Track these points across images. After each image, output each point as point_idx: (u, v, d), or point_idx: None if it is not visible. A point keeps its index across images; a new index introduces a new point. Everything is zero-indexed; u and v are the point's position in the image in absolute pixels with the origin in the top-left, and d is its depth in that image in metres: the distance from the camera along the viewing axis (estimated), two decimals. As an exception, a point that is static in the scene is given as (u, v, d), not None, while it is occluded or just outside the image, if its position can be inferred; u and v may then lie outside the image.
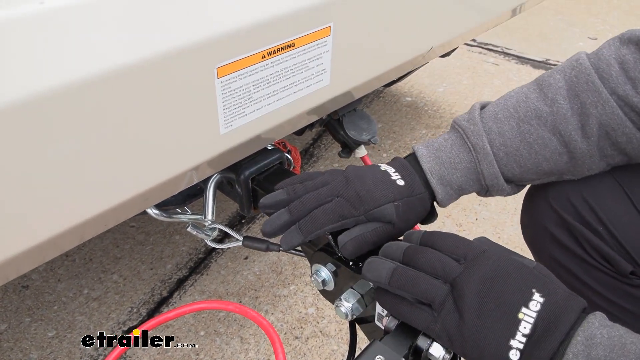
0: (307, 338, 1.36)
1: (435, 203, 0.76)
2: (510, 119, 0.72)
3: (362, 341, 0.86)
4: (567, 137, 0.70)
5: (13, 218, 0.56)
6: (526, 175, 0.74)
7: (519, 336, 0.50)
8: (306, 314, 1.43)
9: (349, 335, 0.87)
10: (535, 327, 0.50)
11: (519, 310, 0.51)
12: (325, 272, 0.79)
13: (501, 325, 0.51)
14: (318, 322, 1.40)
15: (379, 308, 0.74)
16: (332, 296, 0.80)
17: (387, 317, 0.69)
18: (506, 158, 0.72)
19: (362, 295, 0.74)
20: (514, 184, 0.76)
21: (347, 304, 0.73)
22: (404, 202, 0.70)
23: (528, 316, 0.51)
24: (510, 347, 0.50)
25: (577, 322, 0.50)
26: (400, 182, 0.70)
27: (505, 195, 0.76)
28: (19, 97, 0.49)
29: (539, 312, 0.51)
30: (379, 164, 0.74)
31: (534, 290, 0.52)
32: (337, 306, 0.74)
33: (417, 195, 0.71)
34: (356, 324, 0.82)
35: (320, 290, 0.81)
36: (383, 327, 0.71)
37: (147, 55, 0.57)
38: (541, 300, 0.51)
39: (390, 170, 0.72)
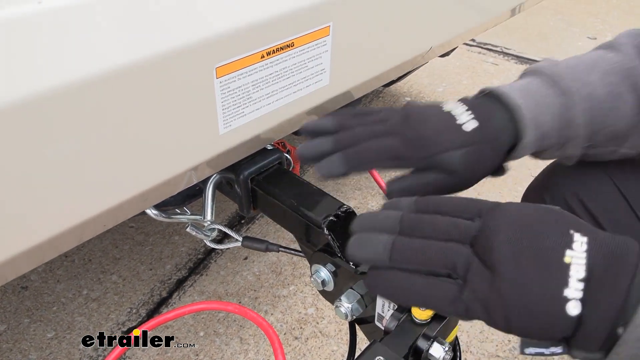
0: (307, 338, 1.36)
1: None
2: (593, 71, 0.64)
3: (362, 341, 0.86)
4: None
5: (11, 218, 0.55)
6: (597, 136, 0.64)
7: (573, 282, 0.40)
8: (306, 314, 1.43)
9: (348, 335, 0.86)
10: (590, 268, 0.40)
11: (563, 255, 0.41)
12: (324, 273, 0.79)
13: (548, 274, 0.41)
14: (318, 323, 1.40)
15: (379, 308, 0.74)
16: (331, 297, 0.80)
17: (387, 318, 0.68)
18: (590, 111, 0.62)
19: (362, 296, 0.74)
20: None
21: (347, 304, 0.73)
22: (474, 149, 0.59)
23: (577, 257, 0.41)
24: (567, 299, 0.39)
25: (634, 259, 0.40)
26: (471, 125, 0.59)
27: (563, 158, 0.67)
28: (17, 98, 0.49)
29: (588, 252, 0.41)
30: (443, 102, 0.64)
31: (571, 231, 0.42)
32: (336, 307, 0.74)
33: (492, 141, 0.60)
34: (356, 325, 0.82)
35: (319, 291, 0.81)
36: (383, 328, 0.71)
37: (145, 56, 0.57)
38: (584, 239, 0.42)
39: (460, 109, 0.61)
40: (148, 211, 0.89)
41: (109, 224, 0.70)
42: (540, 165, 1.89)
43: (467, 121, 0.60)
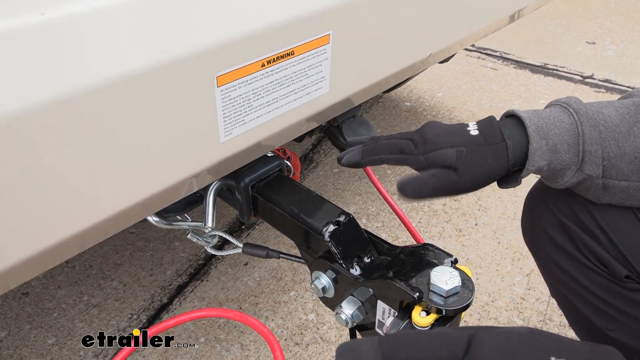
0: (308, 344, 1.36)
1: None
2: (607, 106, 0.70)
3: (363, 348, 0.86)
4: None
5: (13, 227, 0.56)
6: (620, 163, 0.68)
7: None
8: (306, 320, 1.43)
9: (349, 342, 0.87)
10: None
11: None
12: (325, 279, 0.79)
13: None
14: (318, 329, 1.40)
15: (379, 315, 0.74)
16: (332, 303, 0.80)
17: (387, 325, 0.69)
18: (605, 132, 0.67)
19: (362, 303, 0.74)
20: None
21: (348, 311, 0.74)
22: (471, 149, 0.67)
23: None
24: None
25: None
26: (474, 132, 0.69)
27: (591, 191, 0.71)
28: (19, 107, 0.49)
29: None
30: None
31: (552, 358, 0.41)
32: (337, 313, 0.74)
33: (491, 144, 0.68)
34: (356, 331, 0.82)
35: (320, 298, 0.82)
36: (383, 334, 0.71)
37: (147, 65, 0.57)
38: None
39: (470, 123, 0.71)
40: (149, 218, 0.90)
41: (110, 232, 0.70)
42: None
43: (475, 129, 0.69)
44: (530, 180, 0.90)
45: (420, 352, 0.44)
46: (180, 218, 0.97)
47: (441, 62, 1.71)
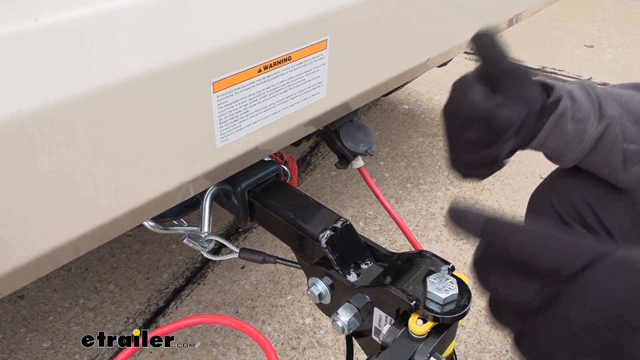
0: (304, 349, 1.35)
1: None
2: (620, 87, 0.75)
3: (359, 352, 0.86)
4: None
5: (8, 233, 0.55)
6: (627, 122, 0.71)
7: None
8: (303, 324, 1.42)
9: (345, 348, 0.86)
10: None
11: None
12: (321, 286, 0.79)
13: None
14: (315, 333, 1.39)
15: (375, 322, 0.74)
16: (328, 309, 0.80)
17: (384, 332, 0.68)
18: (607, 93, 0.72)
19: (358, 310, 0.74)
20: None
21: (344, 318, 0.73)
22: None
23: None
24: None
25: None
26: None
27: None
28: (12, 114, 0.49)
29: None
30: None
31: None
32: (333, 320, 0.74)
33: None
34: (353, 338, 0.82)
35: (316, 304, 0.81)
36: (380, 342, 0.71)
37: (143, 71, 0.57)
38: None
39: None
40: (145, 223, 0.89)
41: (106, 238, 0.70)
42: (539, 172, 1.88)
43: None
44: (532, 182, 0.90)
45: (535, 249, 0.38)
46: (176, 223, 0.97)
47: (439, 66, 1.71)
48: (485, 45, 0.63)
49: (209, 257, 0.97)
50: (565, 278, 0.36)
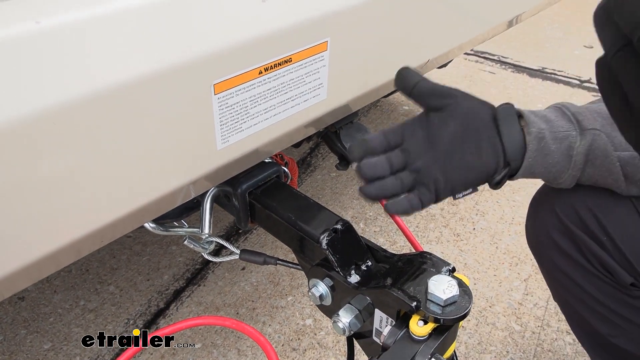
0: (305, 350, 1.35)
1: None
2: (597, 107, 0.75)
3: (359, 353, 0.86)
4: None
5: (9, 235, 0.55)
6: (612, 132, 0.72)
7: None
8: (304, 325, 1.42)
9: (346, 349, 0.86)
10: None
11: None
12: (322, 287, 0.79)
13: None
14: (316, 334, 1.39)
15: (376, 323, 0.74)
16: (329, 311, 0.80)
17: (384, 334, 0.68)
18: (584, 109, 0.74)
19: (359, 311, 0.74)
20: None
21: (345, 319, 0.73)
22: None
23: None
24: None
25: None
26: None
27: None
28: (14, 116, 0.49)
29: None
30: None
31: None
32: (334, 322, 0.74)
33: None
34: (354, 339, 0.82)
35: (317, 305, 0.81)
36: (381, 343, 0.71)
37: (144, 73, 0.57)
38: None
39: None
40: (146, 224, 0.89)
41: (107, 240, 0.70)
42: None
43: None
44: (532, 184, 0.90)
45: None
46: (177, 224, 0.97)
47: (439, 68, 1.71)
48: (402, 77, 0.74)
49: (210, 258, 0.97)
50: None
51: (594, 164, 0.72)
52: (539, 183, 0.95)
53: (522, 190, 1.89)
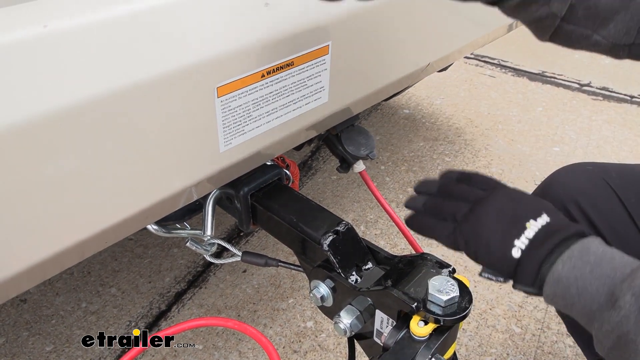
0: (306, 352, 1.36)
1: None
2: None
3: (360, 354, 0.86)
4: None
5: (14, 236, 0.56)
6: (579, 8, 0.67)
7: (522, 238, 0.58)
8: (305, 327, 1.43)
9: (347, 350, 0.87)
10: (538, 234, 0.58)
11: (527, 221, 0.59)
12: (323, 288, 0.79)
13: (510, 228, 0.59)
14: (317, 336, 1.40)
15: (377, 324, 0.75)
16: (330, 312, 0.81)
17: (385, 334, 0.69)
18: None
19: (360, 312, 0.74)
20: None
21: (346, 320, 0.74)
22: None
23: (534, 226, 0.58)
24: (514, 245, 0.58)
25: (576, 238, 0.57)
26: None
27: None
28: (22, 118, 0.50)
29: (543, 225, 0.58)
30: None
31: (543, 212, 0.60)
32: (335, 323, 0.75)
33: None
34: (355, 340, 0.82)
35: (319, 306, 0.82)
36: (382, 344, 0.71)
37: (149, 76, 0.58)
38: (548, 219, 0.59)
39: None
40: (148, 226, 0.90)
41: (110, 241, 0.71)
42: (539, 176, 1.89)
43: None
44: (532, 186, 0.91)
45: (479, 177, 0.69)
46: (179, 226, 0.98)
47: (440, 71, 1.72)
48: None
49: (212, 260, 0.97)
50: (496, 185, 0.65)
51: (531, 24, 0.72)
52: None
53: (522, 193, 1.89)
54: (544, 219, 0.59)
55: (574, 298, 0.55)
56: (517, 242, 0.58)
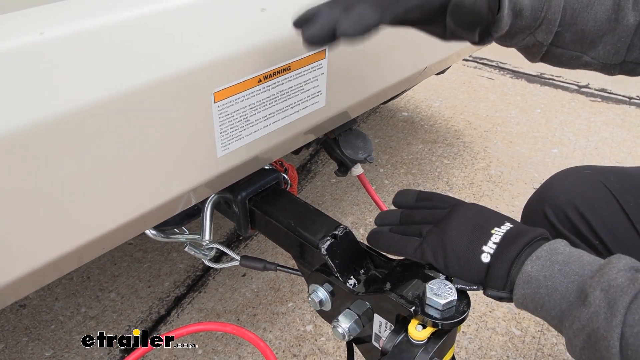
0: (305, 356, 1.36)
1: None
2: None
3: (359, 358, 0.86)
4: (621, 2, 0.66)
5: (13, 242, 0.56)
6: (566, 32, 0.68)
7: (490, 243, 0.61)
8: (304, 331, 1.43)
9: (346, 354, 0.87)
10: (504, 238, 0.61)
11: (492, 229, 0.62)
12: (322, 293, 0.79)
13: (476, 236, 0.62)
14: (316, 340, 1.40)
15: (376, 328, 0.75)
16: (329, 316, 0.81)
17: (384, 338, 0.69)
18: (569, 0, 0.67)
19: (359, 316, 0.74)
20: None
21: (344, 324, 0.74)
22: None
23: (499, 232, 0.62)
24: (482, 251, 0.60)
25: (542, 241, 0.59)
26: None
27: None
28: (18, 125, 0.50)
29: (508, 230, 0.62)
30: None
31: (506, 221, 0.64)
32: (334, 327, 0.75)
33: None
34: (353, 344, 0.82)
35: (317, 311, 0.82)
36: (380, 348, 0.71)
37: (145, 82, 0.58)
38: (511, 225, 0.63)
39: None
40: (147, 231, 0.90)
41: (108, 247, 0.71)
42: (538, 178, 1.88)
43: None
44: (532, 189, 0.91)
45: (437, 195, 0.74)
46: (177, 231, 0.98)
47: (438, 74, 1.73)
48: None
49: (211, 264, 0.97)
50: (457, 203, 0.69)
51: (521, 49, 0.74)
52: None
53: (522, 196, 1.89)
54: (507, 226, 0.62)
55: (543, 298, 0.55)
56: (485, 248, 0.60)
